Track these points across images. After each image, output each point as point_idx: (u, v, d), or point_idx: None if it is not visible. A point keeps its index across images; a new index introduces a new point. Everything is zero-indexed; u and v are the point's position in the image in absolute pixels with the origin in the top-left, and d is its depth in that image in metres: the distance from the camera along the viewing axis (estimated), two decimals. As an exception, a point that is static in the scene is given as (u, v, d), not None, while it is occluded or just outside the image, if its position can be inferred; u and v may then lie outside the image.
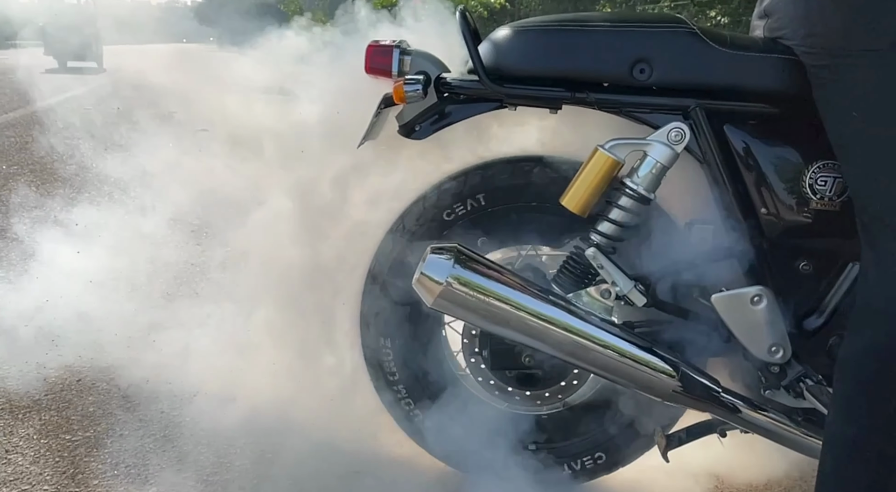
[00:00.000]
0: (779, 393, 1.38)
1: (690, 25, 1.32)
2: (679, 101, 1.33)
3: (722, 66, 1.30)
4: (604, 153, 1.32)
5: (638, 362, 1.32)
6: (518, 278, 1.33)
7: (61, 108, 6.42)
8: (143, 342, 2.11)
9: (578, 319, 1.31)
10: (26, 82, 8.66)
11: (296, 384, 1.72)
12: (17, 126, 6.15)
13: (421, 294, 1.31)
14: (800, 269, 1.36)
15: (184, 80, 3.30)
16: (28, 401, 1.91)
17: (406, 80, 1.35)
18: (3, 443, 1.73)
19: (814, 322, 1.36)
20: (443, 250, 1.30)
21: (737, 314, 1.33)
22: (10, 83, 9.23)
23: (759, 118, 1.34)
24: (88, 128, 3.48)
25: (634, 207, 1.34)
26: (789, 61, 1.27)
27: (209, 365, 1.92)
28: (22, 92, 8.06)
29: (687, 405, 1.39)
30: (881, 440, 1.12)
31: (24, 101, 7.50)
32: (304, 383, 1.71)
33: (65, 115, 4.84)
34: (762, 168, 1.33)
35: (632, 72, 1.31)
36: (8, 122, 6.42)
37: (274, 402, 1.78)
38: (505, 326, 1.31)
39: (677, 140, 1.32)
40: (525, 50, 1.37)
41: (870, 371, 1.13)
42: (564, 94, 1.34)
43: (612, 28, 1.34)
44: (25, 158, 4.73)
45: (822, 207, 1.31)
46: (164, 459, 1.69)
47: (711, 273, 1.35)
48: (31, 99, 7.35)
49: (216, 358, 1.90)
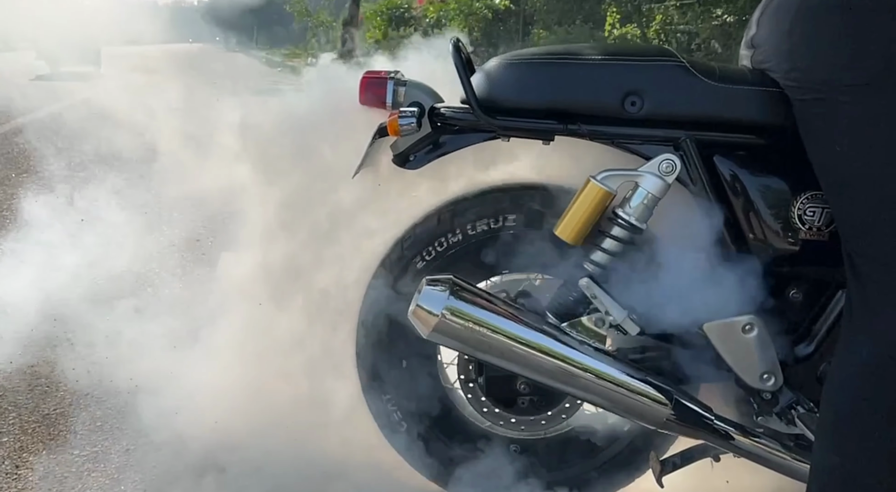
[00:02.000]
0: (771, 419, 1.39)
1: (680, 58, 1.34)
2: (670, 132, 1.35)
3: (711, 99, 1.33)
4: (596, 184, 1.34)
5: (632, 392, 1.34)
6: (513, 309, 1.35)
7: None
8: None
9: (572, 349, 1.33)
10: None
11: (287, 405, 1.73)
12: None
13: (416, 326, 1.32)
14: (790, 297, 1.38)
15: (182, 92, 3.16)
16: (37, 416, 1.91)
17: (401, 113, 1.37)
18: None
19: (805, 349, 1.38)
20: (438, 282, 1.32)
21: (729, 342, 1.35)
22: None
23: (748, 149, 1.36)
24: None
25: (627, 237, 1.36)
26: (776, 94, 1.29)
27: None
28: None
29: (680, 433, 1.41)
30: (865, 469, 1.14)
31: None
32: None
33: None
34: (752, 198, 1.35)
35: (623, 104, 1.33)
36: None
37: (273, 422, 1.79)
38: (500, 357, 1.33)
39: (668, 171, 1.34)
40: (518, 82, 1.39)
41: (854, 401, 1.15)
42: (557, 126, 1.36)
43: (604, 62, 1.36)
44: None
45: (811, 237, 1.33)
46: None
47: (703, 302, 1.36)
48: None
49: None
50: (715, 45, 9.85)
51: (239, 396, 1.81)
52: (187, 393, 1.92)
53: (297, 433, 1.71)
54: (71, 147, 3.42)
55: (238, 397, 1.81)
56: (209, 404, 1.88)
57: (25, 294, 2.25)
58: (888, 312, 1.14)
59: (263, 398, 1.75)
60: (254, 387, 1.77)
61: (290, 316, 1.67)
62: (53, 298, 2.23)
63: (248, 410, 1.80)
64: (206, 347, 1.94)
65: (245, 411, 1.80)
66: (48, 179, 3.23)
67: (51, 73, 12.56)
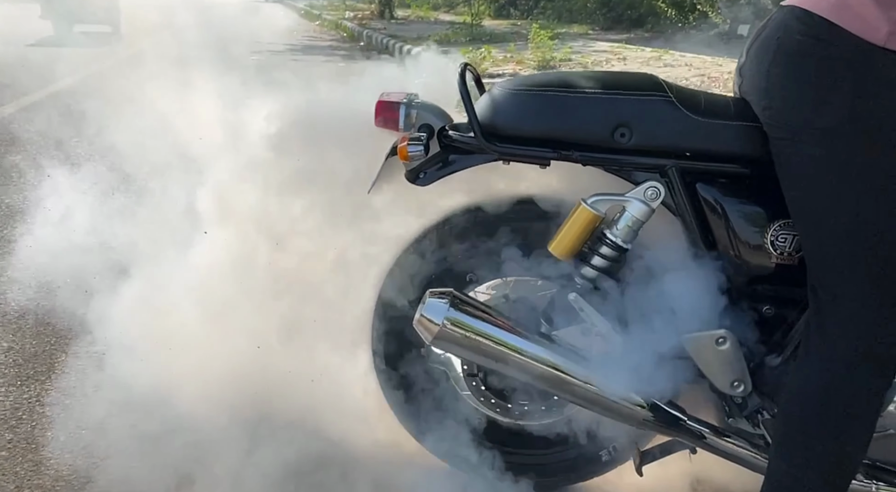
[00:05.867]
0: (740, 422, 1.54)
1: (668, 93, 1.45)
2: (656, 161, 1.47)
3: (695, 132, 1.44)
4: (586, 208, 1.48)
5: (613, 395, 1.49)
6: (507, 320, 1.51)
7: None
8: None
9: (559, 357, 1.49)
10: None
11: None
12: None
13: (421, 333, 1.49)
14: (762, 313, 1.50)
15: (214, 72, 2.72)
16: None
17: (410, 141, 1.51)
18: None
19: (773, 361, 1.51)
20: (440, 294, 1.48)
21: (703, 353, 1.49)
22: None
23: (728, 178, 1.47)
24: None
25: (613, 256, 1.49)
26: (755, 128, 1.40)
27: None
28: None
29: (657, 432, 1.57)
30: (812, 477, 1.28)
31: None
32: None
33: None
34: (730, 223, 1.47)
35: (613, 135, 1.45)
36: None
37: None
38: (495, 362, 1.49)
39: (653, 197, 1.47)
40: (517, 112, 1.51)
41: (804, 416, 1.29)
42: (552, 153, 1.49)
43: (597, 95, 1.48)
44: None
45: (782, 261, 1.45)
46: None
47: (681, 315, 1.50)
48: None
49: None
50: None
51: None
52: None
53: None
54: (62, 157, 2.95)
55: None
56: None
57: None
58: (839, 340, 1.27)
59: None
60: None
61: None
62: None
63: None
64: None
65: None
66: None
67: (56, 35, 10.05)
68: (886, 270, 1.26)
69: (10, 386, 2.16)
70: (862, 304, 1.26)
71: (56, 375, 2.20)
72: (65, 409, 2.01)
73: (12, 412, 2.05)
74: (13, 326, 2.48)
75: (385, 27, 13.53)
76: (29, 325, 2.47)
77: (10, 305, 2.55)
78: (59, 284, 2.36)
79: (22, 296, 2.54)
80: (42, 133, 3.94)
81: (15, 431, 1.97)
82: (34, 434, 1.95)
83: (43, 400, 2.09)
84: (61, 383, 2.13)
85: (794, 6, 1.32)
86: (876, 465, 1.50)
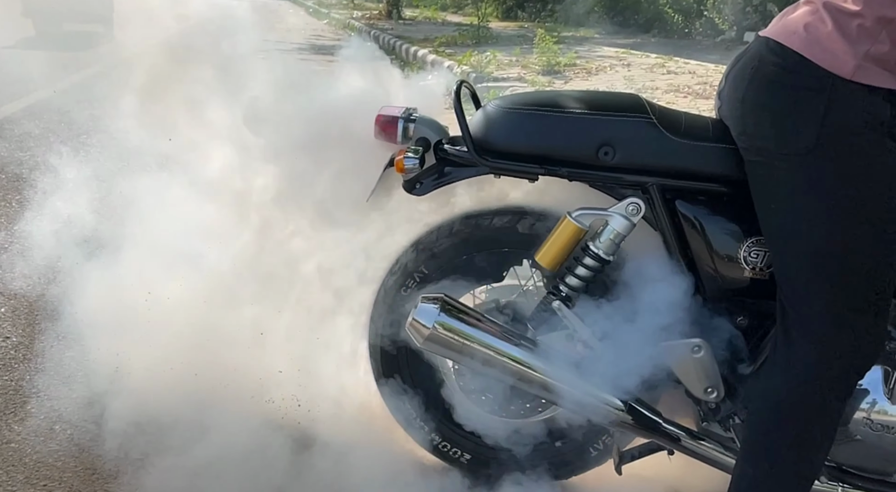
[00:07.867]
0: (714, 425, 1.63)
1: (649, 115, 1.54)
2: (637, 178, 1.56)
3: (674, 152, 1.53)
4: (571, 221, 1.57)
5: (594, 398, 1.58)
6: (495, 325, 1.60)
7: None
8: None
9: (543, 360, 1.57)
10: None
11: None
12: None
13: (412, 336, 1.58)
14: (736, 323, 1.59)
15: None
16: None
17: (406, 155, 1.60)
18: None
19: (745, 369, 1.59)
20: (431, 300, 1.57)
21: (679, 360, 1.58)
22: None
23: (706, 195, 1.56)
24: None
25: (595, 267, 1.58)
26: (731, 150, 1.48)
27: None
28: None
29: (636, 433, 1.65)
30: (775, 483, 1.37)
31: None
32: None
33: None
34: (707, 238, 1.56)
35: (597, 154, 1.54)
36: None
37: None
38: (482, 365, 1.58)
39: (634, 213, 1.56)
40: (508, 129, 1.60)
41: (768, 424, 1.38)
42: (539, 168, 1.58)
43: (582, 116, 1.57)
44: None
45: (755, 276, 1.54)
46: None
47: (660, 324, 1.59)
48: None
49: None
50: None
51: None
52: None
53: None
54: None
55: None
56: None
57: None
58: (802, 353, 1.36)
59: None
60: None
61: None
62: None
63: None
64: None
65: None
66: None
67: (37, 35, 8.79)
68: (848, 288, 1.34)
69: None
70: (824, 320, 1.35)
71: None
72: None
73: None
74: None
75: (392, 27, 13.61)
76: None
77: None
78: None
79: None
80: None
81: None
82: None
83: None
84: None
85: (770, 38, 1.40)
86: (842, 468, 1.59)
